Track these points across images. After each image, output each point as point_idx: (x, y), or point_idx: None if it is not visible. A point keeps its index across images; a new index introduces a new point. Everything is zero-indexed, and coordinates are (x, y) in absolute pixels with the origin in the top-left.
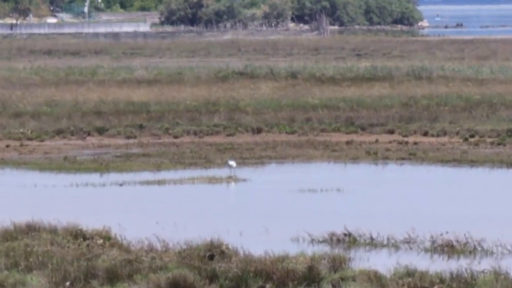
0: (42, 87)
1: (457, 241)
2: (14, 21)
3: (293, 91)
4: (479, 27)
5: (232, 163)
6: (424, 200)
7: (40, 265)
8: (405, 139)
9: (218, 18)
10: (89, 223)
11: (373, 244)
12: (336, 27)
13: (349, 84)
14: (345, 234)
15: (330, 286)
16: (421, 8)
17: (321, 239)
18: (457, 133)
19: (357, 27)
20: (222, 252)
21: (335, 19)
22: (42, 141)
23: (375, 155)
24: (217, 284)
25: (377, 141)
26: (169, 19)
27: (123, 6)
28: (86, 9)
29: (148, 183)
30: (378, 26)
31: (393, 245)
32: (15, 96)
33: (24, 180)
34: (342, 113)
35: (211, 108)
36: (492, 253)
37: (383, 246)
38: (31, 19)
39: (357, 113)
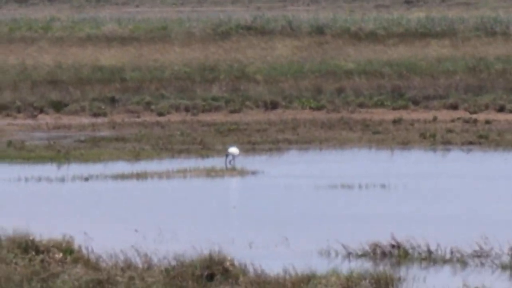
0: None
1: None
2: None
3: (319, 52)
4: None
5: (234, 150)
6: (500, 199)
7: None
8: (473, 116)
9: None
10: (44, 231)
11: (431, 259)
12: None
13: (396, 42)
14: (392, 246)
15: None
16: None
17: (360, 253)
18: None
19: None
20: (226, 270)
21: None
22: None
23: (433, 139)
24: None
25: (435, 119)
26: None
27: None
28: None
29: (123, 177)
30: None
31: (459, 260)
32: None
33: None
34: (386, 82)
35: (208, 75)
36: None
37: (444, 261)
38: None
39: (408, 82)
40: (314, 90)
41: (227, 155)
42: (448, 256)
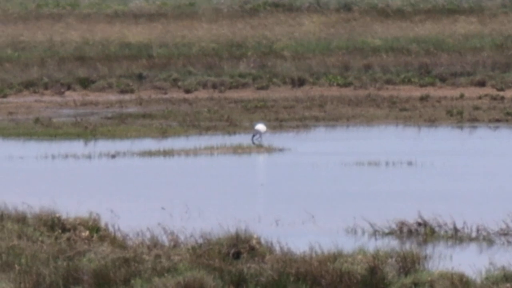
0: (4, 24)
1: None
2: None
3: (346, 29)
4: None
5: (261, 127)
6: None
7: (4, 266)
8: (501, 93)
9: None
10: (70, 208)
11: (457, 237)
12: None
13: (423, 19)
14: (419, 224)
15: None
16: None
17: (386, 231)
18: None
19: None
20: (252, 248)
21: None
22: (5, 96)
23: (460, 116)
24: None
25: (462, 96)
26: None
27: None
28: None
29: (150, 154)
30: None
31: (485, 239)
32: None
33: None
34: (414, 59)
35: (235, 52)
36: None
37: (471, 239)
38: None
39: (435, 59)
40: (341, 67)
41: (254, 134)
42: (474, 234)
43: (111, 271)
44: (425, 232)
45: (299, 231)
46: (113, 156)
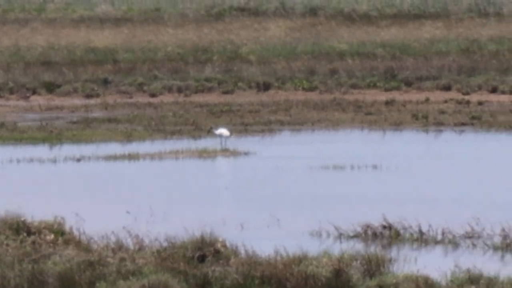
0: None
1: None
2: None
3: (312, 33)
4: None
5: (223, 131)
6: (492, 181)
7: None
8: (466, 97)
9: None
10: (36, 212)
11: (422, 240)
12: None
13: (389, 24)
14: (384, 227)
15: None
16: None
17: (351, 234)
18: None
19: None
20: (217, 251)
21: None
22: None
23: (425, 120)
24: None
25: (427, 100)
26: None
27: None
28: None
29: (115, 158)
30: None
31: (450, 242)
32: None
33: None
34: (379, 63)
35: (201, 56)
36: None
37: (436, 242)
38: None
39: (401, 63)
40: (307, 71)
41: (220, 135)
42: (439, 237)
43: (76, 274)
44: (390, 235)
45: (264, 234)
46: (78, 160)
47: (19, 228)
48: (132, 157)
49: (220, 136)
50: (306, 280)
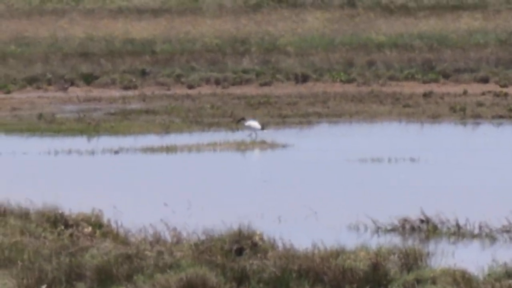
0: (8, 20)
1: None
2: None
3: (350, 25)
4: None
5: (253, 124)
6: None
7: (6, 262)
8: (504, 90)
9: None
10: (73, 204)
11: (460, 234)
12: None
13: (427, 15)
14: (421, 221)
15: None
16: None
17: (389, 227)
18: None
19: None
20: (254, 244)
21: None
22: (8, 92)
23: (463, 112)
24: None
25: (465, 92)
26: None
27: None
28: None
29: (153, 150)
30: None
31: (488, 236)
32: None
33: None
34: (417, 55)
35: (239, 47)
36: None
37: (473, 236)
38: None
39: (438, 55)
40: (344, 63)
41: (249, 128)
42: (477, 231)
43: (113, 267)
44: (427, 229)
45: (302, 227)
46: (116, 152)
47: (57, 220)
48: (170, 149)
49: (250, 128)
50: (344, 274)
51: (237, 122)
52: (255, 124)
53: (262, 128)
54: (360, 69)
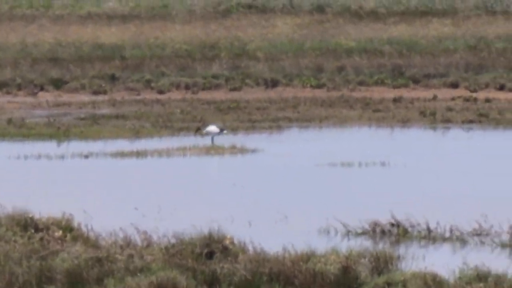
0: None
1: None
2: None
3: (320, 30)
4: None
5: (211, 129)
6: (499, 178)
7: None
8: (474, 95)
9: None
10: (43, 209)
11: (430, 237)
12: None
13: (397, 21)
14: (392, 224)
15: None
16: None
17: (359, 231)
18: None
19: None
20: (225, 248)
21: None
22: None
23: (433, 117)
24: None
25: (435, 97)
26: None
27: None
28: None
29: (123, 154)
30: None
31: (458, 239)
32: None
33: None
34: (387, 60)
35: (208, 53)
36: None
37: (444, 240)
38: None
39: (408, 60)
40: (314, 68)
41: (203, 131)
42: (447, 234)
43: (84, 271)
44: (398, 232)
45: (272, 231)
46: (86, 157)
47: (27, 224)
48: (140, 154)
49: (209, 133)
50: (314, 277)
51: (195, 132)
52: (213, 128)
53: (222, 131)
54: (330, 74)
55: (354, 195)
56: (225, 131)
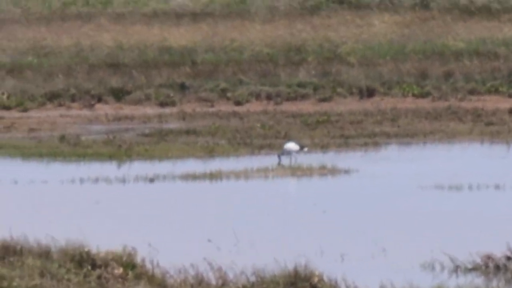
0: (25, 26)
1: None
2: None
3: (424, 30)
4: None
5: (289, 146)
6: None
7: None
8: None
9: None
10: (101, 242)
11: None
12: None
13: None
14: (508, 258)
15: None
16: None
17: (470, 266)
18: None
19: None
20: (313, 286)
21: None
22: (25, 110)
23: None
24: None
25: None
26: None
27: None
28: None
29: (194, 177)
30: None
31: None
32: None
33: None
34: (502, 64)
35: (293, 57)
36: None
37: None
38: None
39: None
40: (417, 75)
41: (280, 154)
42: None
43: None
44: None
45: (368, 266)
46: (151, 180)
47: (83, 260)
48: (213, 176)
49: (288, 153)
50: None
51: (279, 163)
52: (291, 145)
53: (302, 148)
54: (436, 81)
55: (464, 223)
56: (305, 149)
